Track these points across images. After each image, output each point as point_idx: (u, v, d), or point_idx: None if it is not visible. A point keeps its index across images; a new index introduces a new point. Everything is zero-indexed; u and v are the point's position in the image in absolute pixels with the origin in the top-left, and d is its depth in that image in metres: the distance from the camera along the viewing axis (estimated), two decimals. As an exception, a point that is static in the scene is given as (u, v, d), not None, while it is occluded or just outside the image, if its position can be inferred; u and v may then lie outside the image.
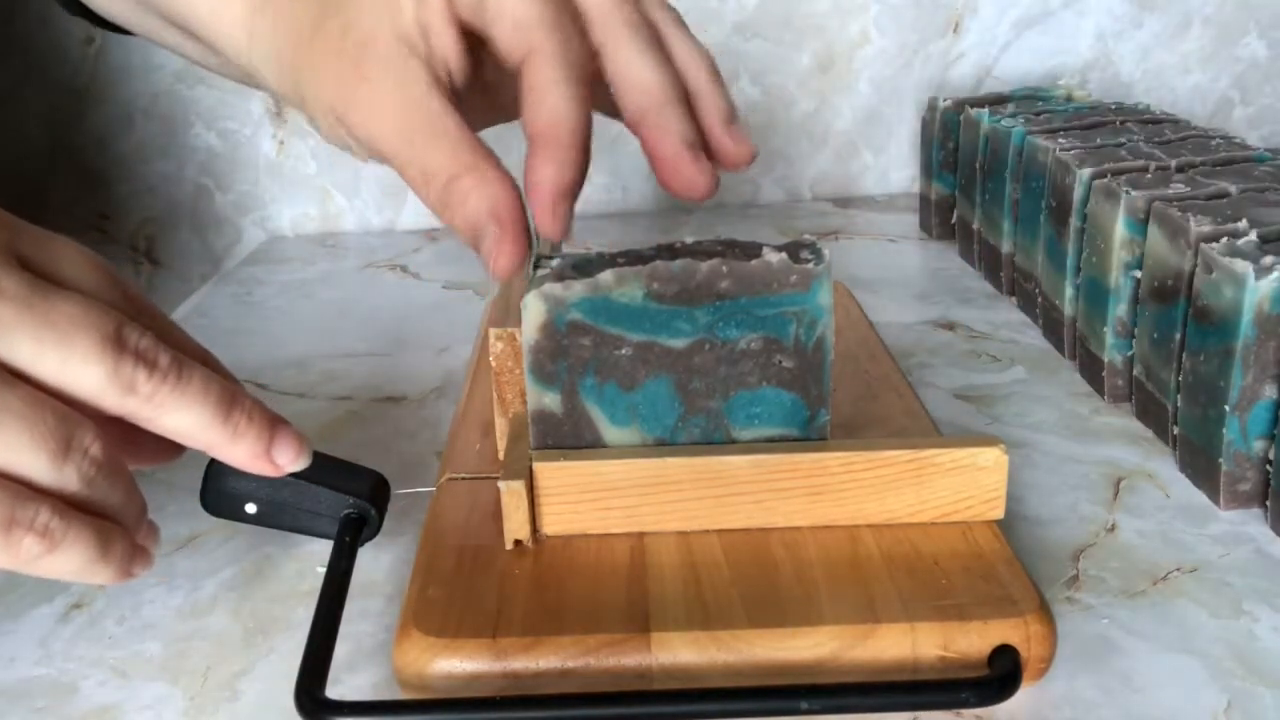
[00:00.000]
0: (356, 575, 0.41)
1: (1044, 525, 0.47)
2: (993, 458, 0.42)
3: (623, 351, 0.41)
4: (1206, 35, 0.93)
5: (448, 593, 0.39)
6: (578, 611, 0.38)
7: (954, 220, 0.81)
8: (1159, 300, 0.52)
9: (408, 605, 0.39)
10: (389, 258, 0.87)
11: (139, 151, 0.92)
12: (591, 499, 0.42)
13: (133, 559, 0.35)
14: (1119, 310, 0.56)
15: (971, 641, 0.37)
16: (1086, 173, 0.59)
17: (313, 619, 0.38)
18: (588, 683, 0.36)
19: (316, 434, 0.57)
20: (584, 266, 0.41)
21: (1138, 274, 0.54)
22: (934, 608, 0.38)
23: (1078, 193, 0.59)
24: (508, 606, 0.38)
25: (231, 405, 0.36)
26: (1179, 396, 0.50)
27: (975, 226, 0.76)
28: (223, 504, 0.41)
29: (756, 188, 0.96)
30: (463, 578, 0.40)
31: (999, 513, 0.42)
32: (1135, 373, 0.55)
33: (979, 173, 0.74)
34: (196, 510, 0.41)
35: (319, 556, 0.45)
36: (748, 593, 0.39)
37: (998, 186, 0.71)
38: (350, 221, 0.95)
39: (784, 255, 0.40)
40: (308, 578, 0.45)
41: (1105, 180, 0.57)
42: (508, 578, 0.40)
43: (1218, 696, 0.37)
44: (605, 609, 0.38)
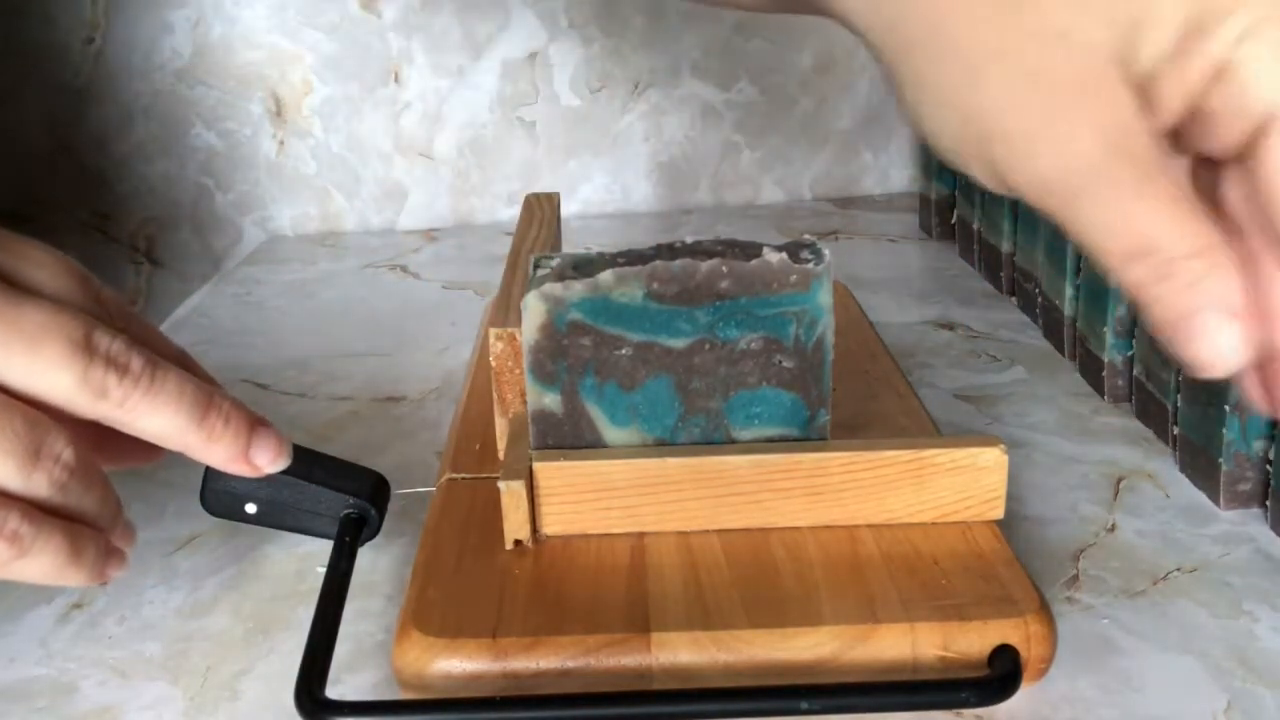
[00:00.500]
0: (356, 575, 0.41)
1: (1044, 525, 0.47)
2: (993, 458, 0.42)
3: (623, 351, 0.40)
4: (1206, 35, 0.93)
5: (448, 593, 0.39)
6: (578, 611, 0.38)
7: (954, 220, 0.81)
8: (1159, 300, 0.52)
9: (408, 605, 0.39)
10: (389, 258, 0.87)
11: (139, 151, 0.92)
12: (591, 499, 0.42)
13: (107, 561, 0.35)
14: (1119, 310, 0.56)
15: (971, 641, 0.37)
16: (1086, 173, 0.59)
17: (313, 619, 0.38)
18: (588, 683, 0.36)
19: (316, 434, 0.57)
20: (584, 266, 0.41)
21: (1138, 274, 0.54)
22: (934, 608, 0.38)
23: (1078, 193, 0.59)
24: (508, 606, 0.38)
25: (208, 408, 0.36)
26: (1179, 396, 0.50)
27: (975, 226, 0.76)
28: (222, 504, 0.41)
29: (756, 188, 0.96)
30: (463, 578, 0.40)
31: (999, 513, 0.42)
32: (1135, 373, 0.55)
33: (979, 173, 0.74)
34: (196, 510, 0.41)
35: (319, 556, 0.45)
36: (748, 593, 0.39)
37: (998, 186, 0.71)
38: (350, 221, 0.95)
39: (784, 255, 0.40)
40: (308, 578, 0.45)
41: (1105, 180, 0.57)
42: (508, 578, 0.40)
43: (1218, 696, 0.37)
44: (605, 609, 0.38)
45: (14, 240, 0.35)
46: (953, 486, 0.42)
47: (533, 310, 0.40)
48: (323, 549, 0.42)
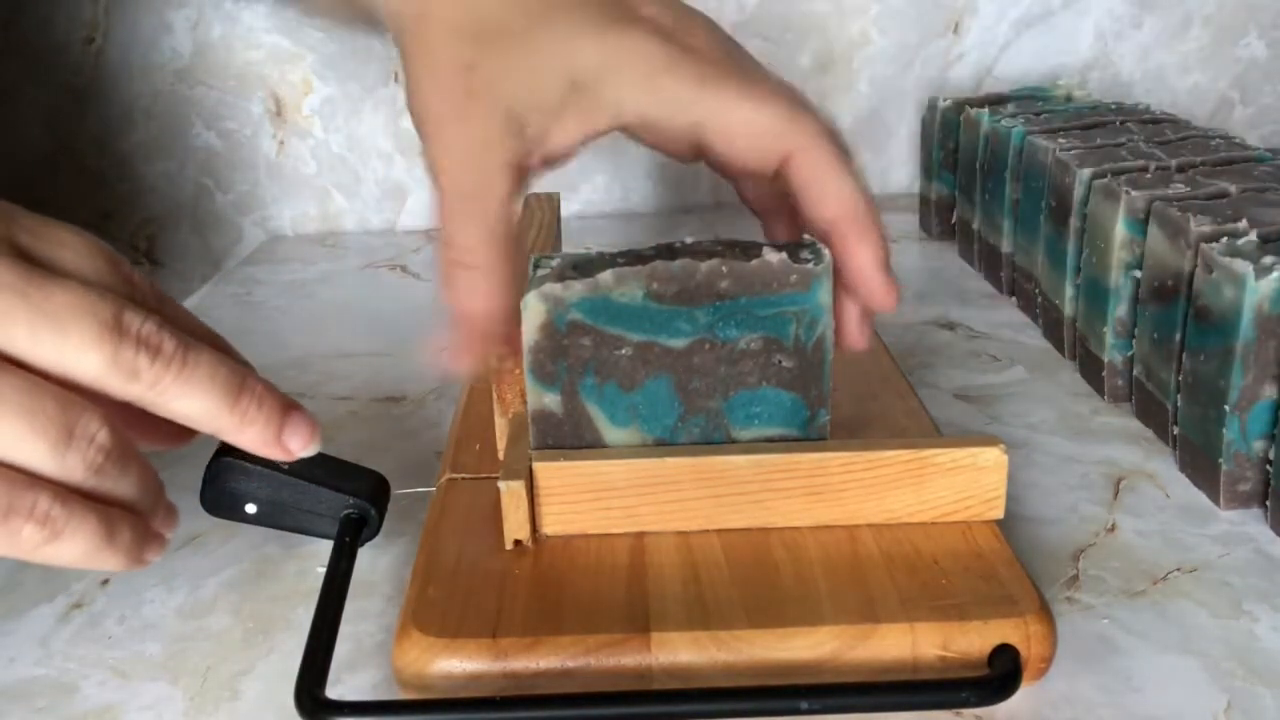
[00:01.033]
0: (356, 575, 0.41)
1: (1044, 525, 0.47)
2: (993, 458, 0.42)
3: (623, 351, 0.40)
4: (1206, 35, 0.93)
5: (448, 593, 0.39)
6: (578, 611, 0.38)
7: (954, 220, 0.81)
8: (1159, 300, 0.52)
9: (408, 605, 0.39)
10: (389, 258, 0.87)
11: (139, 151, 0.92)
12: (591, 499, 0.42)
13: (144, 544, 0.35)
14: (1119, 310, 0.56)
15: (971, 641, 0.37)
16: (1086, 173, 0.59)
17: (313, 619, 0.38)
18: (588, 683, 0.36)
19: (316, 434, 0.57)
20: (584, 266, 0.41)
21: (1138, 274, 0.54)
22: (934, 607, 0.38)
23: (1078, 193, 0.59)
24: (508, 606, 0.38)
25: (240, 390, 0.35)
26: (1179, 396, 0.50)
27: (975, 226, 0.76)
28: (223, 504, 0.41)
29: (756, 188, 0.96)
30: (463, 578, 0.40)
31: (999, 513, 0.42)
32: (1135, 373, 0.55)
33: (979, 173, 0.74)
34: (196, 510, 0.41)
35: (319, 556, 0.45)
36: (748, 593, 0.39)
37: (998, 186, 0.71)
38: (350, 221, 0.95)
39: (784, 255, 0.40)
40: (308, 578, 0.45)
41: (1105, 180, 0.57)
42: (508, 578, 0.40)
43: (1218, 696, 0.37)
44: (605, 609, 0.38)
45: (43, 223, 0.34)
46: (953, 486, 0.42)
47: (533, 310, 0.40)
48: (323, 549, 0.42)
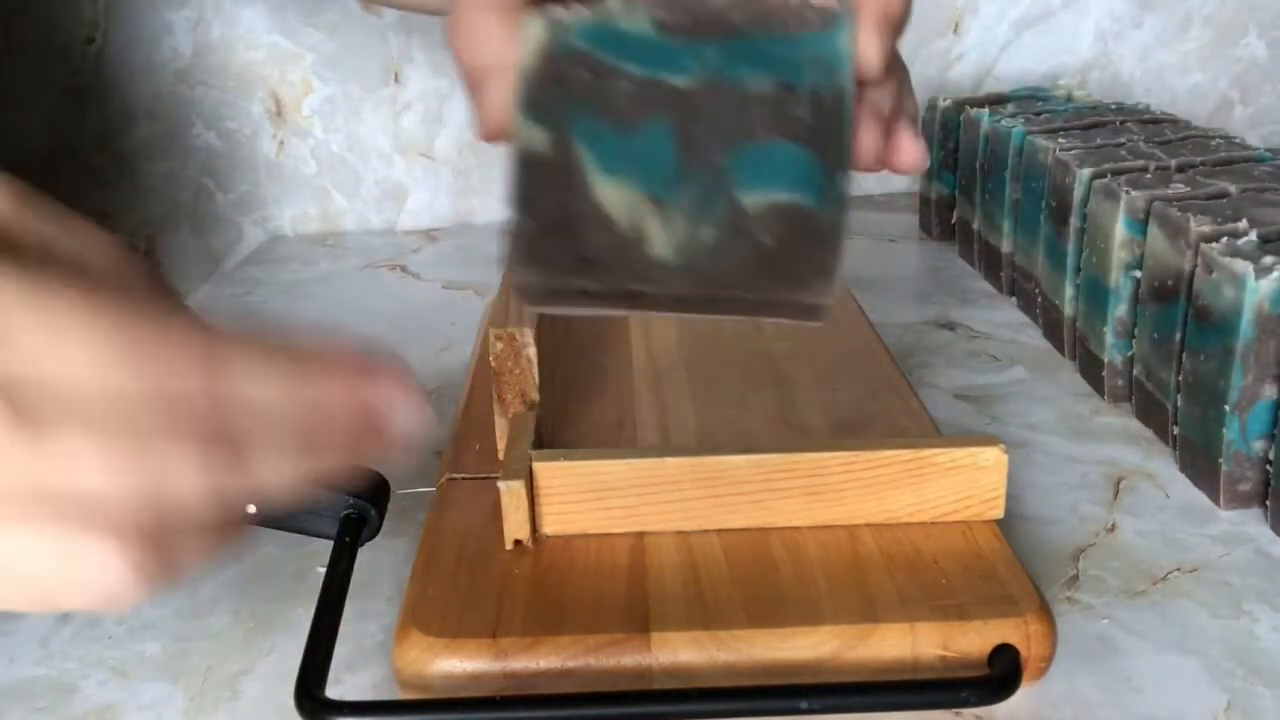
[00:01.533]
0: (356, 575, 0.41)
1: (1044, 525, 0.47)
2: (992, 457, 0.42)
3: (622, 86, 0.35)
4: (1206, 35, 0.93)
5: (448, 593, 0.39)
6: (578, 611, 0.38)
7: (954, 220, 0.81)
8: (1159, 300, 0.52)
9: (408, 605, 0.39)
10: (389, 258, 0.87)
11: (139, 151, 0.92)
12: (591, 498, 0.42)
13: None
14: (1119, 310, 0.56)
15: (971, 641, 0.37)
16: (1086, 173, 0.59)
17: (313, 619, 0.38)
18: (588, 683, 0.36)
19: (316, 434, 0.57)
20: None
21: (1138, 274, 0.54)
22: (934, 607, 0.38)
23: (1078, 193, 0.59)
24: (508, 606, 0.38)
25: (310, 421, 0.28)
26: (1179, 396, 0.50)
27: (975, 226, 0.76)
28: None
29: (756, 188, 0.96)
30: (463, 578, 0.40)
31: (999, 512, 0.42)
32: (1135, 373, 0.55)
33: (979, 173, 0.74)
34: (196, 510, 0.41)
35: (319, 556, 0.45)
36: (748, 593, 0.39)
37: (998, 186, 0.71)
38: (350, 221, 0.95)
39: None
40: (308, 578, 0.45)
41: (1105, 180, 0.57)
42: (508, 578, 0.40)
43: (1218, 696, 0.37)
44: (605, 609, 0.38)
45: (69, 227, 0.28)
46: (952, 486, 0.42)
47: (531, 34, 0.35)
48: (323, 549, 0.42)
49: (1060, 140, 0.64)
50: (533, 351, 0.46)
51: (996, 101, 0.78)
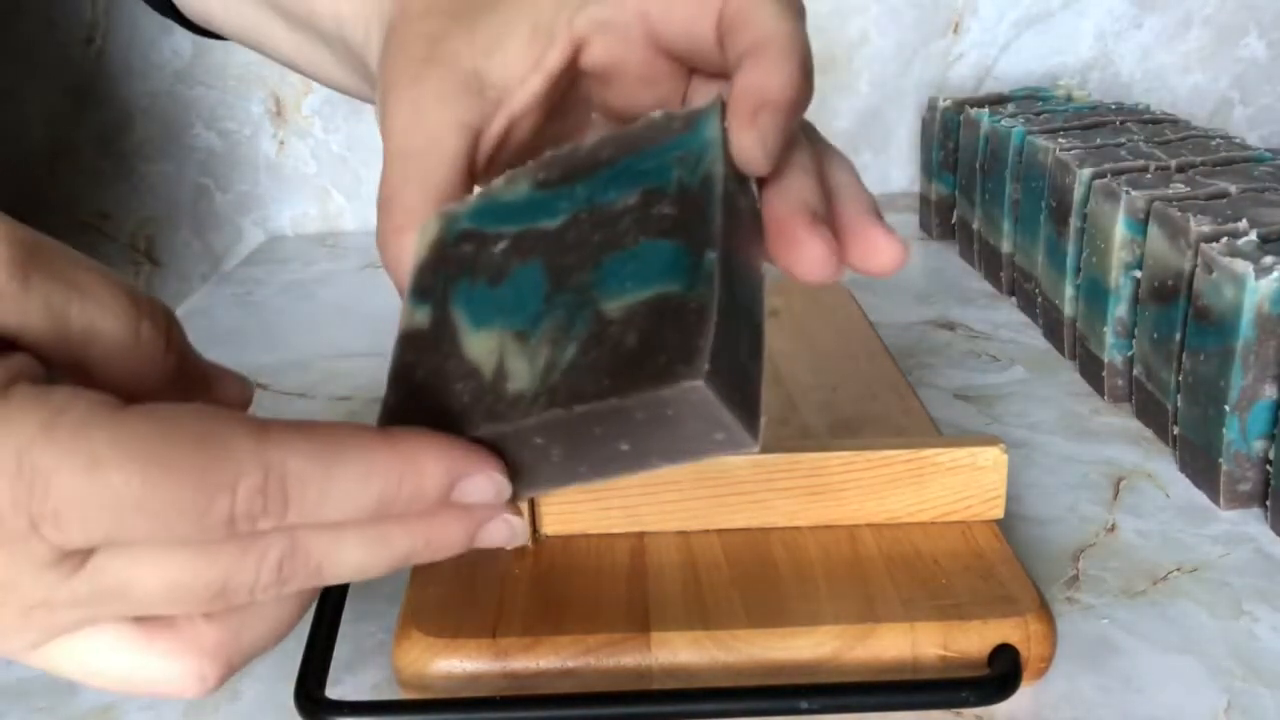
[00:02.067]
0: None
1: (1044, 525, 0.47)
2: (992, 457, 0.42)
3: (499, 247, 0.34)
4: (1206, 35, 0.93)
5: (448, 593, 0.39)
6: (578, 611, 0.38)
7: (954, 220, 0.81)
8: (1159, 300, 0.52)
9: (408, 605, 0.39)
10: (389, 258, 0.87)
11: (139, 151, 0.92)
12: (591, 498, 0.42)
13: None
14: (1119, 310, 0.56)
15: (971, 641, 0.37)
16: (1086, 173, 0.59)
17: (313, 619, 0.38)
18: (588, 682, 0.36)
19: (316, 434, 0.57)
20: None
21: (1138, 274, 0.54)
22: (934, 607, 0.38)
23: (1078, 193, 0.59)
24: (508, 606, 0.38)
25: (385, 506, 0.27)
26: (1179, 396, 0.50)
27: (975, 226, 0.76)
28: None
29: (756, 188, 0.96)
30: (463, 578, 0.40)
31: (999, 512, 0.42)
32: (1135, 373, 0.55)
33: (979, 173, 0.74)
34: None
35: (319, 556, 0.45)
36: (748, 593, 0.39)
37: (998, 186, 0.71)
38: (350, 221, 0.95)
39: (667, 110, 0.35)
40: (308, 578, 0.45)
41: (1105, 180, 0.57)
42: (508, 578, 0.40)
43: (1218, 696, 0.37)
44: (605, 609, 0.38)
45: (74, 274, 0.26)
46: (952, 486, 0.42)
47: (426, 230, 0.36)
48: (323, 549, 0.42)
49: (1060, 140, 0.64)
50: (533, 351, 0.46)
51: (996, 101, 0.78)
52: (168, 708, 0.38)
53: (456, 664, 0.36)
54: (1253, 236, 0.47)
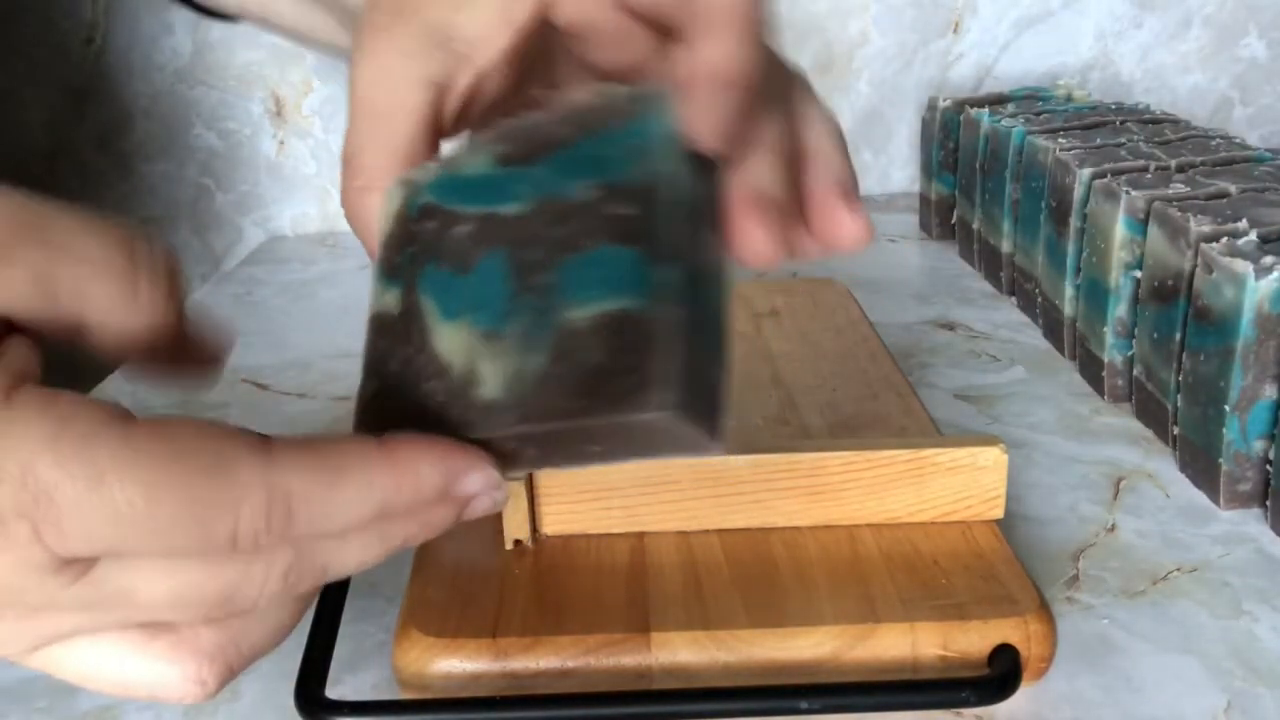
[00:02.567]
0: (356, 575, 0.41)
1: (1044, 525, 0.47)
2: (992, 457, 0.42)
3: (462, 229, 0.34)
4: (1206, 35, 0.93)
5: (448, 593, 0.39)
6: (578, 611, 0.38)
7: (954, 220, 0.81)
8: (1159, 300, 0.52)
9: (408, 605, 0.39)
10: (389, 258, 0.87)
11: (139, 151, 0.92)
12: (591, 499, 0.42)
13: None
14: (1119, 310, 0.56)
15: (971, 641, 0.37)
16: (1086, 173, 0.59)
17: (313, 619, 0.38)
18: (588, 683, 0.36)
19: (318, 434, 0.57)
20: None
21: (1138, 274, 0.54)
22: (934, 607, 0.38)
23: (1078, 193, 0.59)
24: (508, 606, 0.38)
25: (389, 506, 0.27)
26: (1179, 396, 0.50)
27: (975, 226, 0.76)
28: None
29: (756, 188, 0.96)
30: (463, 578, 0.40)
31: (999, 512, 0.42)
32: (1135, 373, 0.55)
33: (979, 173, 0.74)
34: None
35: (319, 556, 0.45)
36: (748, 593, 0.39)
37: (998, 186, 0.71)
38: (350, 221, 0.95)
39: (613, 86, 0.34)
40: (308, 578, 0.45)
41: (1105, 180, 0.57)
42: (508, 578, 0.40)
43: (1218, 696, 0.37)
44: (605, 609, 0.38)
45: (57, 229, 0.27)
46: (952, 486, 0.42)
47: (389, 199, 0.35)
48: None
49: (1060, 140, 0.64)
50: (533, 351, 0.46)
51: (996, 101, 0.78)
52: (168, 708, 0.38)
53: (456, 664, 0.36)
54: (1253, 236, 0.47)
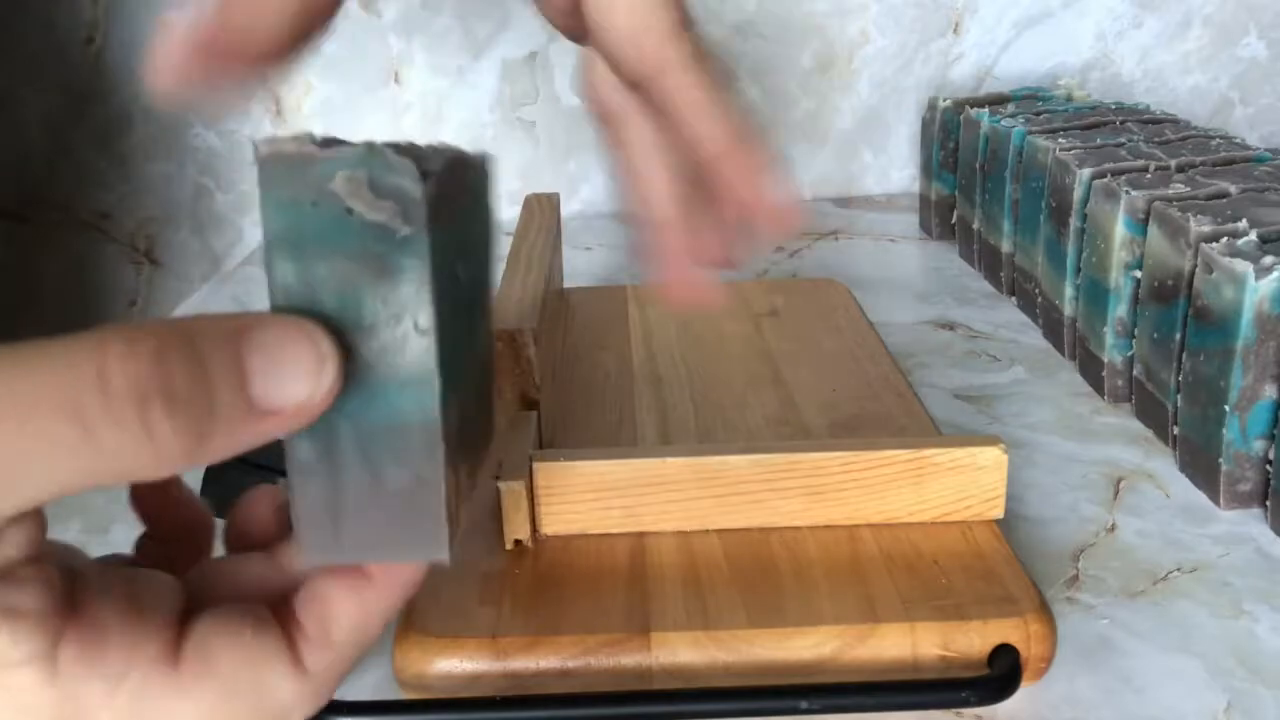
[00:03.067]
0: (356, 575, 0.41)
1: (1044, 525, 0.47)
2: (992, 457, 0.42)
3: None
4: (1206, 35, 0.93)
5: (448, 593, 0.39)
6: (578, 611, 0.38)
7: (954, 220, 0.81)
8: (1159, 300, 0.52)
9: (408, 605, 0.39)
10: (389, 258, 0.87)
11: (139, 151, 0.92)
12: (591, 499, 0.42)
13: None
14: (1119, 310, 0.56)
15: (971, 641, 0.37)
16: (1086, 173, 0.59)
17: (313, 619, 0.38)
18: (588, 683, 0.36)
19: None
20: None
21: (1138, 274, 0.54)
22: (934, 607, 0.38)
23: (1078, 193, 0.59)
24: (508, 606, 0.38)
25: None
26: (1179, 396, 0.50)
27: (975, 226, 0.76)
28: (226, 504, 0.41)
29: (756, 188, 0.96)
30: (463, 578, 0.40)
31: (999, 512, 0.42)
32: (1135, 373, 0.55)
33: (979, 173, 0.74)
34: (196, 510, 0.41)
35: (319, 556, 0.45)
36: (748, 593, 0.39)
37: (998, 186, 0.71)
38: (350, 221, 0.95)
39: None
40: (308, 578, 0.45)
41: (1105, 180, 0.57)
42: (508, 578, 0.40)
43: (1218, 696, 0.37)
44: (605, 609, 0.38)
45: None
46: (952, 486, 0.42)
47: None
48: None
49: (1060, 140, 0.64)
50: (533, 351, 0.46)
51: (996, 101, 0.78)
52: (168, 708, 0.38)
53: (456, 664, 0.36)
54: (1253, 236, 0.47)
